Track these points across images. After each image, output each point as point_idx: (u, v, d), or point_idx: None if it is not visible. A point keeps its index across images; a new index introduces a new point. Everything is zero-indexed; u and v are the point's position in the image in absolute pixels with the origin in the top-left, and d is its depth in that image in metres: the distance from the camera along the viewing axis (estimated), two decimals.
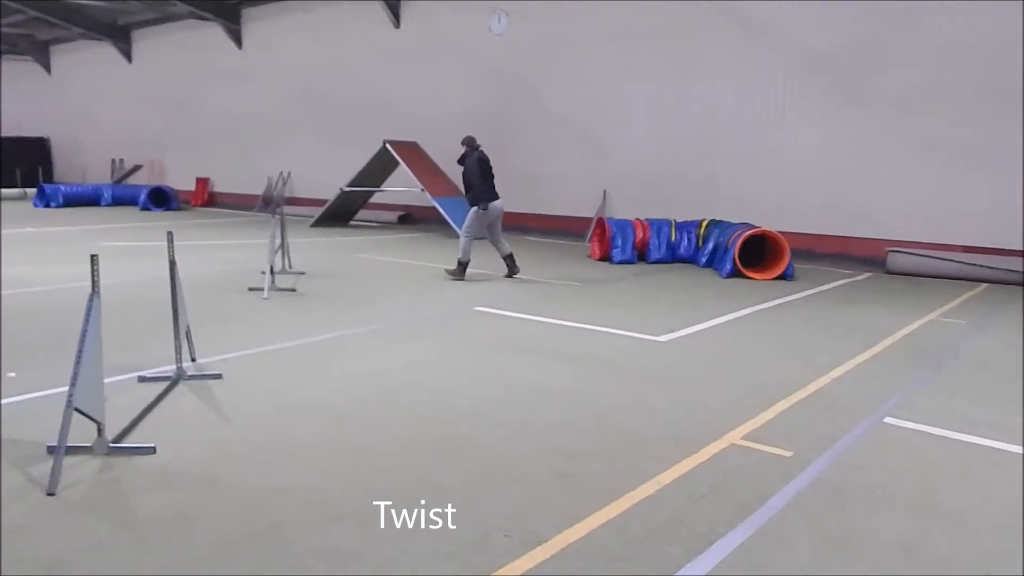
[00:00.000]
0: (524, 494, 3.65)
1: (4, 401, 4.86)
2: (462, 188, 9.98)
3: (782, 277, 10.39)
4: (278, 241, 9.40)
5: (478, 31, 16.58)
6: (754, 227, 10.80)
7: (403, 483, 3.78)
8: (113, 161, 26.22)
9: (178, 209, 20.98)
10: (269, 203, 20.65)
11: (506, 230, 16.23)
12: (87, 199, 21.54)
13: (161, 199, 20.82)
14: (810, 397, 5.27)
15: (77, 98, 27.77)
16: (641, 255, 11.84)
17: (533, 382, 5.48)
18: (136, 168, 25.23)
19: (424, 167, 15.44)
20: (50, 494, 3.55)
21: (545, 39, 15.73)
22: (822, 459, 4.15)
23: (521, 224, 15.95)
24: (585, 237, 14.26)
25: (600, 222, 12.42)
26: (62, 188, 21.66)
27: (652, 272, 10.99)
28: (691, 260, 11.79)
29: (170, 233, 5.38)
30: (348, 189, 16.01)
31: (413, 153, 15.56)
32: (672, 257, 11.85)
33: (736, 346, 6.76)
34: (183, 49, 23.30)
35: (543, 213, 16.00)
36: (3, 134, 28.76)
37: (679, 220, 12.28)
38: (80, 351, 3.82)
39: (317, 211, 17.00)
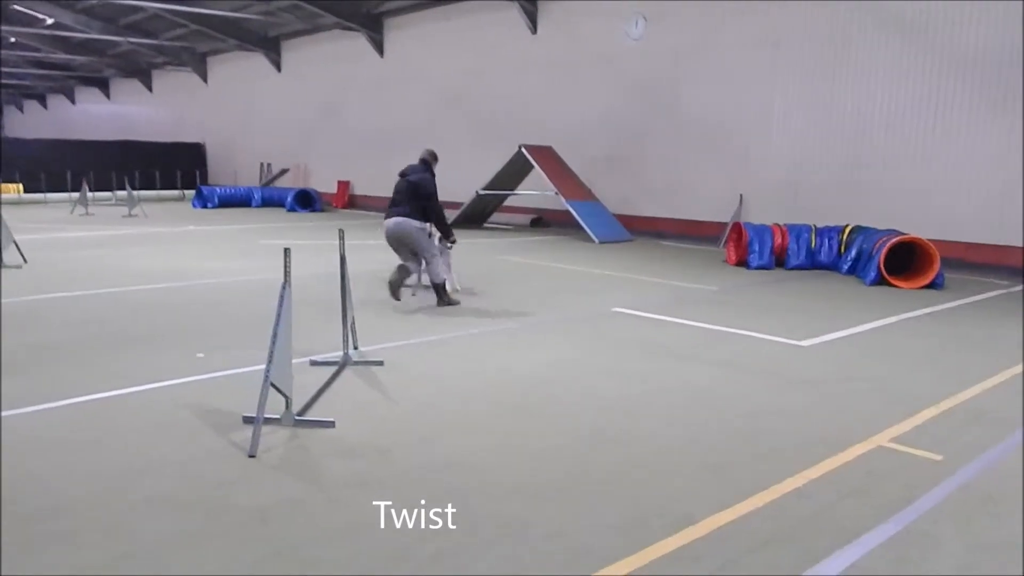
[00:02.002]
0: (674, 482, 3.83)
1: (195, 378, 5.42)
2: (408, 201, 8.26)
3: (931, 286, 9.91)
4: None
5: (615, 36, 16.69)
6: (901, 234, 10.35)
7: (561, 464, 4.00)
8: (262, 165, 28.06)
9: (321, 210, 22.22)
10: None
11: (640, 234, 16.49)
12: (239, 200, 23.19)
13: (306, 201, 22.12)
14: (959, 407, 5.13)
15: (230, 106, 29.91)
16: (779, 261, 11.58)
17: (677, 382, 5.59)
18: (283, 171, 26.92)
19: (558, 171, 15.70)
20: (251, 456, 3.98)
21: (684, 43, 15.63)
22: (973, 465, 4.07)
23: (655, 228, 15.95)
24: (720, 242, 14.07)
25: (737, 227, 12.24)
26: (217, 190, 23.45)
27: (791, 278, 10.75)
28: (832, 267, 11.43)
29: (341, 231, 5.83)
30: (484, 192, 16.48)
31: (548, 157, 15.85)
32: (812, 264, 11.53)
33: (881, 354, 6.59)
34: (328, 58, 24.66)
35: (677, 218, 15.90)
36: (163, 140, 31.39)
37: (819, 226, 11.90)
38: (275, 333, 4.25)
39: (451, 214, 17.53)
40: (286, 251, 4.49)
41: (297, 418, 4.48)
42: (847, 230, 11.55)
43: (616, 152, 16.94)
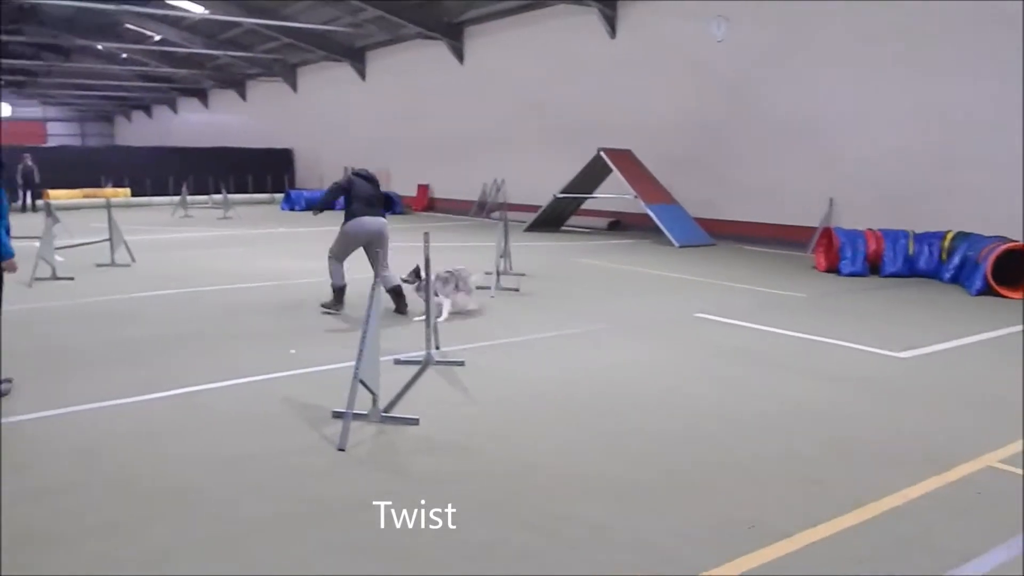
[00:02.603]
0: (766, 493, 3.72)
1: (288, 373, 5.68)
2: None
3: None
4: (502, 244, 9.98)
5: (696, 37, 16.46)
6: (1010, 240, 9.79)
7: (647, 468, 4.00)
8: (346, 169, 28.76)
9: (402, 213, 22.73)
10: (483, 208, 21.82)
11: (723, 238, 16.21)
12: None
13: (387, 204, 22.63)
14: None
15: (317, 113, 30.94)
16: (873, 268, 11.12)
17: (766, 390, 5.46)
18: None
19: (637, 174, 15.61)
20: (340, 449, 4.15)
21: (768, 42, 15.28)
22: None
23: (738, 232, 15.64)
24: (807, 248, 13.69)
25: (827, 232, 11.84)
26: (303, 193, 24.32)
27: (887, 286, 10.32)
28: (932, 275, 10.84)
29: (426, 234, 5.98)
30: (561, 195, 16.54)
31: (627, 160, 15.78)
32: (910, 271, 10.98)
33: (988, 368, 6.21)
34: (410, 66, 25.22)
35: (762, 221, 15.54)
36: (256, 146, 32.72)
37: (917, 231, 11.37)
38: (364, 331, 4.42)
39: (529, 216, 17.71)
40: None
41: (384, 415, 4.64)
42: (949, 236, 10.90)
43: (697, 154, 16.71)
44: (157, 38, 30.69)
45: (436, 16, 22.44)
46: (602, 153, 15.53)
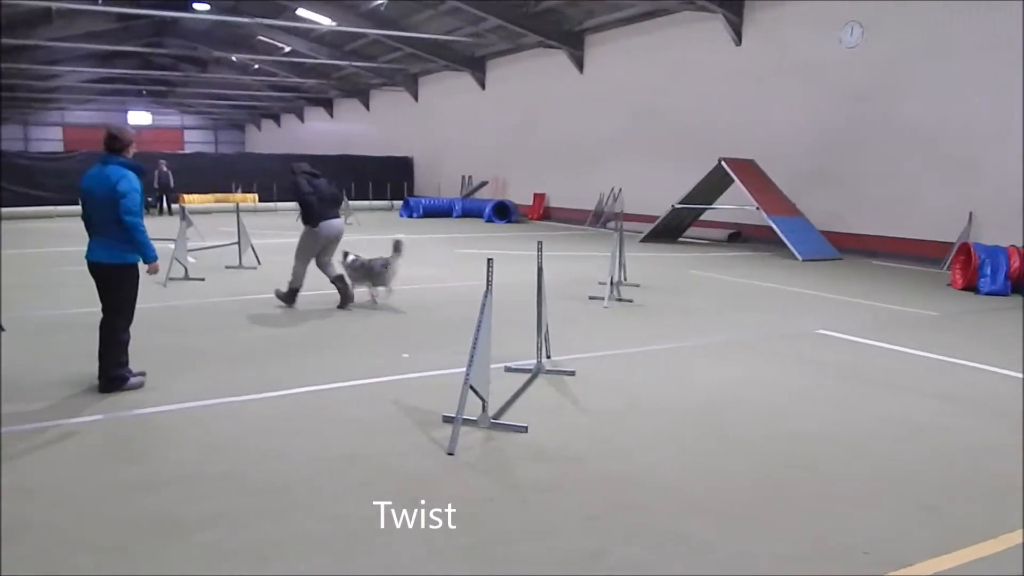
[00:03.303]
0: (883, 519, 3.55)
1: (401, 376, 5.78)
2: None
3: None
4: (618, 254, 9.83)
5: (826, 44, 15.77)
6: None
7: (754, 487, 3.85)
8: (463, 177, 29.42)
9: (517, 221, 22.89)
10: (600, 218, 21.67)
11: (853, 253, 15.36)
12: (442, 211, 24.49)
13: (503, 212, 22.91)
14: None
15: (437, 122, 31.67)
16: (1016, 287, 10.33)
17: (887, 412, 5.18)
18: (483, 184, 28.07)
19: (760, 185, 15.07)
20: (450, 454, 4.18)
21: (904, 48, 14.45)
22: None
23: (867, 247, 14.82)
24: (943, 264, 12.80)
25: (964, 247, 11.06)
26: (422, 201, 24.94)
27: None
28: None
29: (540, 243, 5.98)
30: (680, 206, 16.19)
31: (749, 171, 15.27)
32: None
33: None
34: (530, 75, 25.40)
35: (893, 236, 14.65)
36: (377, 154, 33.84)
37: None
38: (476, 338, 4.44)
39: (645, 227, 17.43)
40: (489, 261, 4.67)
41: (493, 421, 4.64)
42: None
43: (824, 165, 15.96)
44: (287, 49, 32.33)
45: (556, 24, 22.52)
46: (723, 163, 15.09)
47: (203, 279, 10.47)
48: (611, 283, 9.09)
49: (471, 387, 4.38)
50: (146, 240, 5.25)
